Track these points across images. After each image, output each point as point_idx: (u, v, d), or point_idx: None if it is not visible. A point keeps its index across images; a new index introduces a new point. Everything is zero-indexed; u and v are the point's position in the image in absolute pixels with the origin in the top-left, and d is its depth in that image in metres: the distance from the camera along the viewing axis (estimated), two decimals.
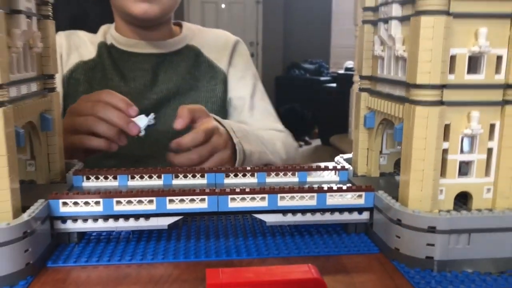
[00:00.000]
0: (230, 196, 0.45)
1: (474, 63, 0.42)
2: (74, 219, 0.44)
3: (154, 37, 0.87)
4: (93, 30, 0.92)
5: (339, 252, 0.44)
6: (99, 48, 0.87)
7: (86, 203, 0.43)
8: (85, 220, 0.44)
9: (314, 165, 0.56)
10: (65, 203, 0.43)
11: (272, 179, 0.53)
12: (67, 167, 0.54)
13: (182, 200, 0.44)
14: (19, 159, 0.48)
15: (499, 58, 0.42)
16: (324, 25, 7.56)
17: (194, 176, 0.52)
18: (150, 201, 0.44)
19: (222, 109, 0.90)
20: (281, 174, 0.53)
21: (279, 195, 0.45)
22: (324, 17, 7.53)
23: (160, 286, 0.38)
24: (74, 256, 0.42)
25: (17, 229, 0.37)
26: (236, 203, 0.45)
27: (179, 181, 0.51)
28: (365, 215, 0.47)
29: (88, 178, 0.50)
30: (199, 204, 0.45)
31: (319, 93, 4.96)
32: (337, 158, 0.59)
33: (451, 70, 0.41)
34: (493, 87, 0.42)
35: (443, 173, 0.43)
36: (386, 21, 0.46)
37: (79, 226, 0.44)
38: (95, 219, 0.44)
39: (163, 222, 0.45)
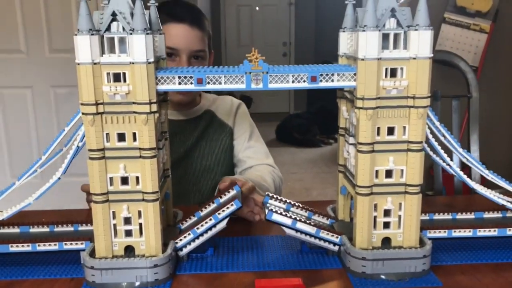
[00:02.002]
0: None
1: None
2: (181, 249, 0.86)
3: (184, 108, 1.30)
4: None
5: (321, 266, 0.85)
6: None
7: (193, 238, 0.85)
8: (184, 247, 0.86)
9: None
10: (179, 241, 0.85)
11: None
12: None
13: None
14: None
15: None
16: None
17: None
18: None
19: (229, 152, 1.33)
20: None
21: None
22: None
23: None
24: (186, 268, 0.85)
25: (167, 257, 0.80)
26: None
27: None
28: (337, 247, 0.87)
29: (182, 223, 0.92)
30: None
31: None
32: (328, 208, 0.99)
33: None
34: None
35: (374, 227, 0.82)
36: None
37: (184, 251, 0.86)
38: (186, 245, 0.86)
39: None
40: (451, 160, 0.87)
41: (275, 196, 0.94)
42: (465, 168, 0.94)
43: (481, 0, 3.32)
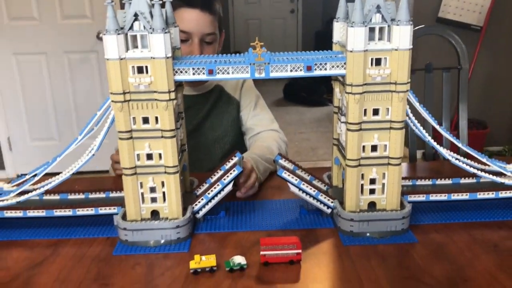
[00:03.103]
0: None
1: None
2: (197, 212, 1.01)
3: (196, 85, 1.43)
4: None
5: (316, 226, 1.00)
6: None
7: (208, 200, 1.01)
8: (200, 210, 1.01)
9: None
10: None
11: None
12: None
13: None
14: None
15: None
16: None
17: None
18: None
19: (237, 123, 1.48)
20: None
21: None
22: None
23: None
24: (202, 228, 1.00)
25: (187, 219, 0.95)
26: None
27: None
28: (330, 210, 1.01)
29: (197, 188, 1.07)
30: None
31: None
32: (324, 175, 1.13)
33: None
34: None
35: (362, 193, 0.97)
36: None
37: (201, 214, 1.01)
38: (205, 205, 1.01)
39: None
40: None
41: (284, 157, 1.09)
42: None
43: None
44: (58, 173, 0.99)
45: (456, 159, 1.01)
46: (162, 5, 0.91)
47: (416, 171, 1.36)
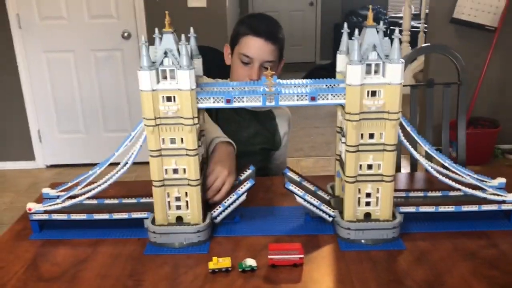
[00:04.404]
0: None
1: None
2: (216, 217, 1.17)
3: None
4: None
5: (319, 232, 1.15)
6: None
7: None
8: (218, 216, 1.17)
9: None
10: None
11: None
12: None
13: None
14: None
15: None
16: None
17: None
18: None
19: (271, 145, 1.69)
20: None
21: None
22: None
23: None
24: (220, 232, 1.16)
25: (206, 224, 1.11)
26: None
27: None
28: (331, 218, 1.16)
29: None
30: None
31: None
32: (328, 186, 1.28)
33: None
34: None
35: (358, 205, 1.11)
36: None
37: (218, 219, 1.17)
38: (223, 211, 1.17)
39: None
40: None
41: (292, 170, 1.24)
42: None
43: None
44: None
45: (445, 175, 1.14)
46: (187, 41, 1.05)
47: (414, 181, 1.49)
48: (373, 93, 1.03)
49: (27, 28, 3.42)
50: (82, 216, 1.16)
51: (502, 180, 1.18)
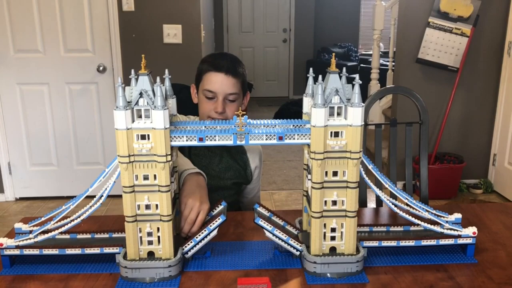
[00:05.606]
0: None
1: None
2: (186, 252, 1.20)
3: None
4: None
5: (287, 266, 1.19)
6: None
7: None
8: (189, 251, 1.20)
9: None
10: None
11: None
12: None
13: None
14: None
15: None
16: (355, 8, 7.96)
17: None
18: None
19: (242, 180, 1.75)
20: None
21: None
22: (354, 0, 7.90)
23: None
24: (191, 266, 1.19)
25: (177, 259, 1.14)
26: None
27: None
28: (298, 252, 1.21)
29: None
30: None
31: None
32: (296, 220, 1.33)
33: None
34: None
35: (324, 240, 1.16)
36: None
37: (189, 254, 1.20)
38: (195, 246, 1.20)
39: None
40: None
41: (262, 205, 1.29)
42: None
43: (463, 6, 3.60)
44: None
45: (405, 211, 1.21)
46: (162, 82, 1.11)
47: (378, 216, 1.55)
48: (336, 134, 1.10)
49: (0, 60, 3.43)
50: (54, 251, 1.18)
51: (458, 215, 1.25)
